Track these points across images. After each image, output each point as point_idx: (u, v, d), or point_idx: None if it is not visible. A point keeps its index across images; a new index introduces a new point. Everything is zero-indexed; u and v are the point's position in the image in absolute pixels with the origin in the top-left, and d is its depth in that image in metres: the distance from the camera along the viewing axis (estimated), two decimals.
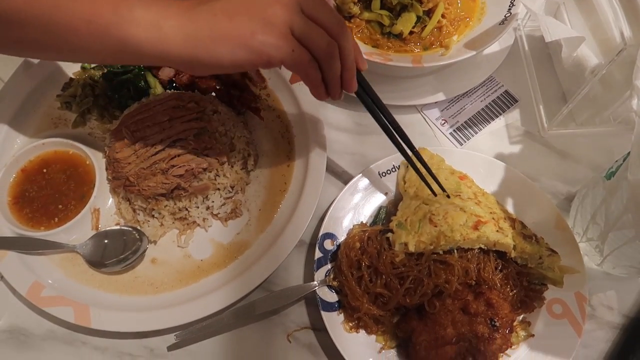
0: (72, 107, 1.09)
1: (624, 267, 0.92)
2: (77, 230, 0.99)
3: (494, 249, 0.88)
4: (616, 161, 0.88)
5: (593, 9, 0.99)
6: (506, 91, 1.16)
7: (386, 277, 0.89)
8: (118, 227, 1.00)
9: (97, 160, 1.02)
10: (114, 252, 0.96)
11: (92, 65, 1.13)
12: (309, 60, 0.73)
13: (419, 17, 1.07)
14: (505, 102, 1.15)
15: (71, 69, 1.13)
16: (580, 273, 0.92)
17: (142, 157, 0.96)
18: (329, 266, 0.94)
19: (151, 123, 0.96)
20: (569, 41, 0.98)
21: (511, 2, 1.06)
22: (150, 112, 0.98)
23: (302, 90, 1.08)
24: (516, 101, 1.15)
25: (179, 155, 0.96)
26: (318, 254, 0.94)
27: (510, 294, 0.89)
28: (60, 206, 1.00)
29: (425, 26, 1.08)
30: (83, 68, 1.13)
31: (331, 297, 0.92)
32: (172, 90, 1.09)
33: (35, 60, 1.11)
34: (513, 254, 0.88)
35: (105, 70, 1.11)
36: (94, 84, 1.09)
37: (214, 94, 1.10)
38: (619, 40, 0.90)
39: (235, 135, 1.03)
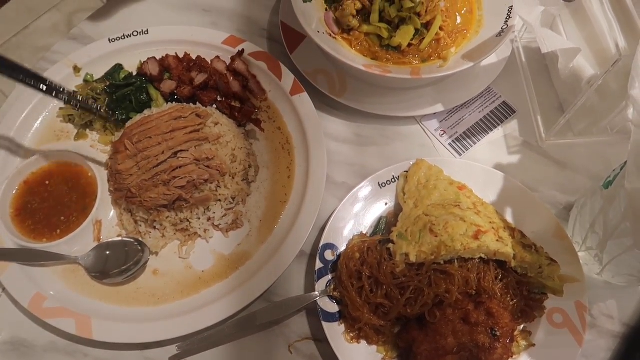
0: (74, 119, 1.10)
1: (623, 276, 0.92)
2: (79, 242, 0.99)
3: (494, 259, 0.89)
4: (613, 170, 0.89)
5: (588, 21, 1.01)
6: (504, 102, 1.17)
7: (387, 287, 0.89)
8: (120, 238, 1.00)
9: (99, 172, 1.03)
10: (116, 264, 0.96)
11: (95, 78, 1.14)
12: None
13: (417, 30, 1.09)
14: (503, 113, 1.16)
15: (73, 82, 1.14)
16: (580, 282, 0.92)
17: (144, 169, 0.97)
18: (329, 277, 0.94)
19: (153, 134, 0.97)
20: (565, 52, 1.00)
21: (508, 14, 1.07)
22: (153, 123, 0.99)
23: (302, 102, 1.09)
24: (514, 112, 1.16)
25: (180, 167, 0.96)
26: (319, 265, 0.94)
27: (511, 303, 0.89)
28: (62, 218, 1.00)
29: (424, 39, 1.09)
30: (85, 81, 1.14)
31: (332, 307, 0.92)
32: (174, 102, 1.11)
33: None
34: (513, 264, 0.89)
35: (108, 83, 1.12)
36: (96, 97, 1.11)
37: (215, 106, 1.11)
38: (614, 51, 0.91)
39: (236, 146, 1.04)
